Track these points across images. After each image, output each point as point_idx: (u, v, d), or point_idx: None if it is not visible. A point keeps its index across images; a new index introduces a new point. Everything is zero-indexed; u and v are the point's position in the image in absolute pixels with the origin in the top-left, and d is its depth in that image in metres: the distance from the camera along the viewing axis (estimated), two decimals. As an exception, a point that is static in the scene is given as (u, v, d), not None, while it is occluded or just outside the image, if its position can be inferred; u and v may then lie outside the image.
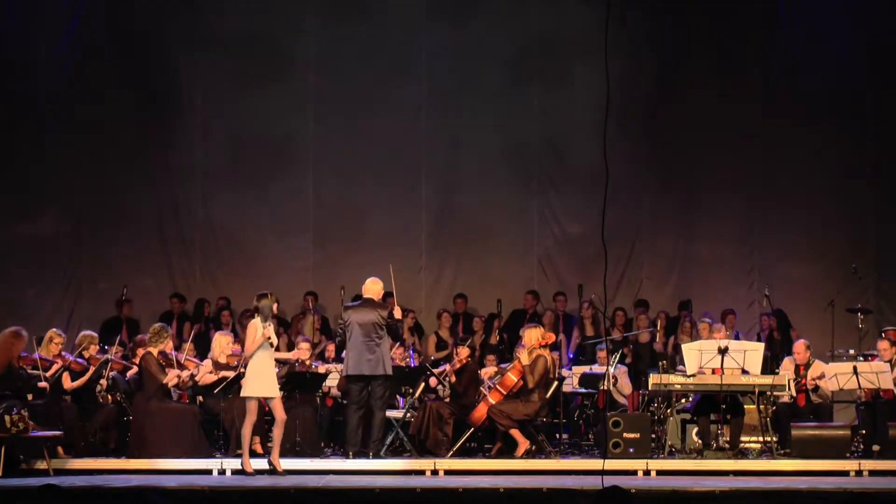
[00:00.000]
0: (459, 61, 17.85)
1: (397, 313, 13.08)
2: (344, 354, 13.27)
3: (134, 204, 17.72)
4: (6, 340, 12.78)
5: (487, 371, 13.99)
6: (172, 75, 17.81)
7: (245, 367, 13.19)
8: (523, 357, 13.17)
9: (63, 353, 13.30)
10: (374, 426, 12.89)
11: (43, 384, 12.95)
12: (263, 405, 12.37)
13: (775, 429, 13.32)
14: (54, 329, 13.56)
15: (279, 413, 12.17)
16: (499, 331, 16.34)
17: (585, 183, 17.22)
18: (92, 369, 13.27)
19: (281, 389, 12.53)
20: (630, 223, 17.70)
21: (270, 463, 12.21)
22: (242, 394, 12.31)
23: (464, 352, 13.82)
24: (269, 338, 12.10)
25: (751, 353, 13.16)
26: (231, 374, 13.29)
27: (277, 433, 12.23)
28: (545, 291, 17.53)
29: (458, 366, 13.75)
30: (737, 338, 15.42)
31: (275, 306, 12.35)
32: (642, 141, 17.75)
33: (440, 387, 14.05)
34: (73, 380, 13.24)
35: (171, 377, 13.07)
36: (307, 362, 13.99)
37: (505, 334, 16.12)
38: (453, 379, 13.72)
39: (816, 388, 13.73)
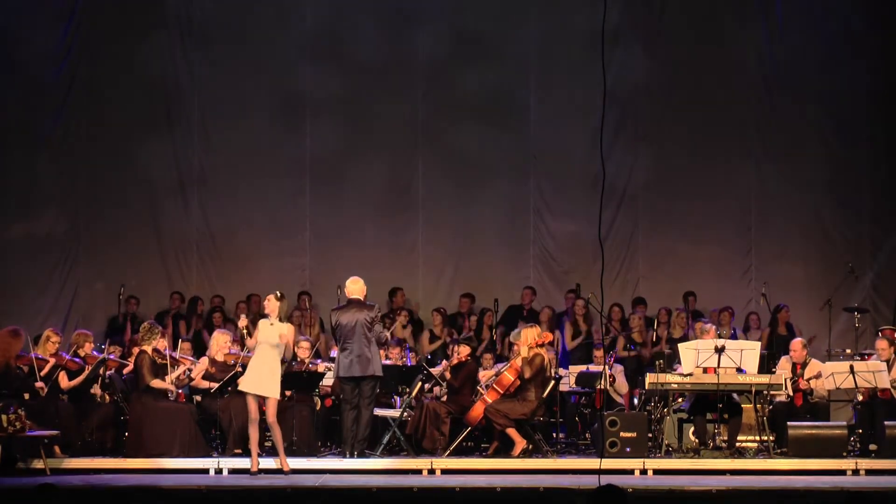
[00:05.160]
0: (456, 65, 17.86)
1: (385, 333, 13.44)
2: (335, 356, 13.31)
3: (131, 204, 17.71)
4: (4, 340, 12.80)
5: (486, 374, 13.97)
6: (170, 78, 17.78)
7: (242, 367, 13.27)
8: (523, 351, 13.16)
9: (60, 352, 13.28)
10: (360, 425, 12.89)
11: (39, 384, 12.93)
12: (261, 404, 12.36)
13: (772, 428, 13.32)
14: (51, 328, 13.55)
15: (269, 414, 12.16)
16: (491, 327, 16.37)
17: (583, 181, 17.25)
18: (89, 368, 13.25)
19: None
20: (627, 221, 17.72)
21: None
22: (240, 387, 12.32)
23: (464, 350, 13.80)
24: (246, 330, 12.16)
25: (747, 352, 13.16)
26: (227, 372, 13.30)
27: (275, 436, 12.24)
28: (542, 290, 17.55)
29: (454, 361, 13.74)
30: (734, 335, 15.41)
31: (267, 304, 12.31)
32: (639, 139, 17.75)
33: (437, 386, 14.05)
34: (69, 379, 13.22)
35: (157, 381, 13.03)
36: (306, 360, 13.98)
37: (501, 329, 16.19)
38: (448, 375, 13.71)
39: (812, 392, 13.74)
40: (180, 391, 13.54)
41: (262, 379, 12.16)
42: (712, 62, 17.77)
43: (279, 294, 12.43)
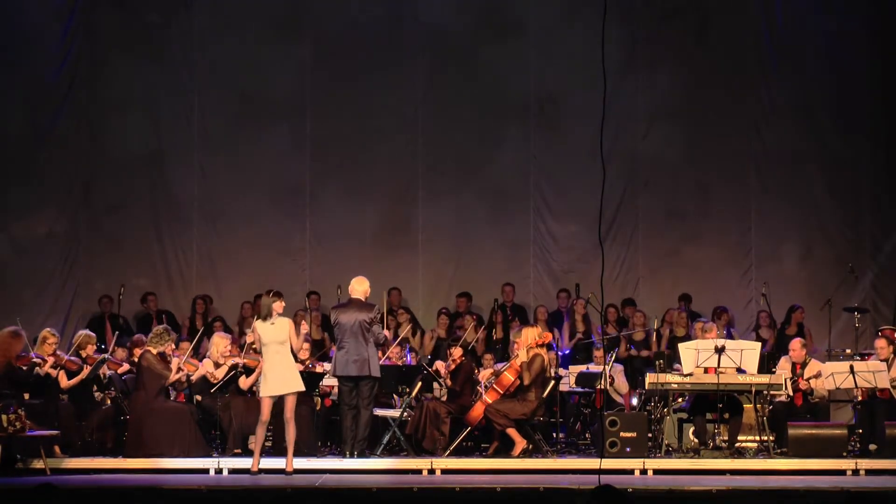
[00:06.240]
0: (456, 64, 17.87)
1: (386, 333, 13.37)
2: (332, 355, 13.32)
3: (131, 204, 17.71)
4: (4, 340, 12.79)
5: (485, 374, 13.98)
6: (169, 78, 17.77)
7: (243, 367, 13.27)
8: (521, 354, 13.17)
9: (58, 351, 13.27)
10: (359, 425, 12.89)
11: (52, 372, 12.90)
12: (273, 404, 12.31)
13: (772, 428, 13.32)
14: (48, 329, 13.53)
15: (288, 409, 12.12)
16: (486, 327, 16.40)
17: (583, 181, 17.27)
18: (87, 368, 13.24)
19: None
20: (627, 221, 17.72)
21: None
22: (261, 394, 12.24)
23: (457, 352, 13.82)
24: (254, 341, 12.14)
25: (748, 352, 13.16)
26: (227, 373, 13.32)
27: (290, 433, 12.22)
28: (542, 290, 17.57)
29: (451, 367, 13.75)
30: (729, 335, 15.42)
31: (275, 306, 12.28)
32: (639, 139, 17.76)
33: (437, 385, 14.06)
34: (68, 378, 13.21)
35: (173, 373, 13.07)
36: (307, 361, 13.99)
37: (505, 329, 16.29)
38: (449, 382, 13.74)
39: (812, 392, 13.74)
40: (181, 391, 13.54)
41: (284, 377, 12.09)
42: (711, 63, 17.76)
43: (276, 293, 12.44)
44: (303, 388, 12.26)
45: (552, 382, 13.59)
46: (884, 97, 17.61)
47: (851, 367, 13.18)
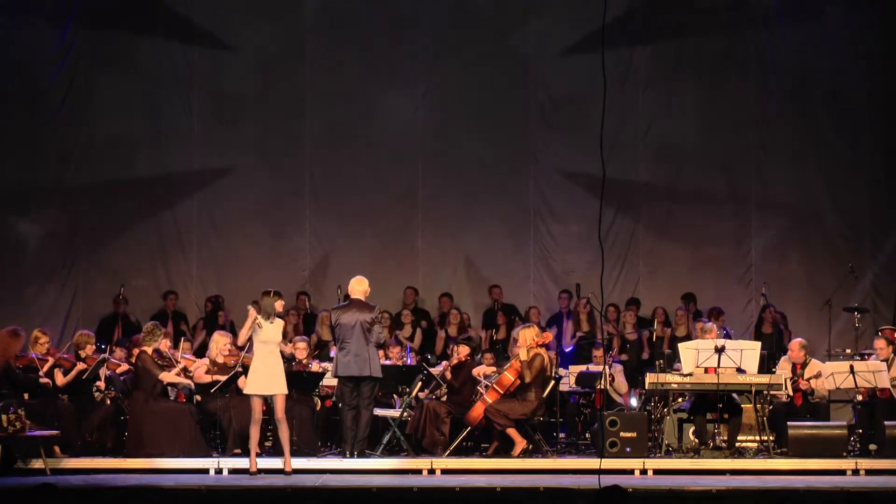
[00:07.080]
0: (456, 65, 17.87)
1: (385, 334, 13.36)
2: (333, 355, 13.32)
3: (131, 203, 17.71)
4: (3, 340, 12.79)
5: (481, 370, 13.97)
6: (169, 78, 17.76)
7: (242, 367, 13.27)
8: (522, 353, 13.16)
9: (51, 349, 13.26)
10: (360, 425, 12.89)
11: (45, 380, 12.92)
12: (263, 404, 12.35)
13: (772, 428, 13.32)
14: (38, 329, 13.52)
15: (279, 410, 12.16)
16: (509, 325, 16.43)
17: (583, 181, 17.26)
18: (80, 365, 13.21)
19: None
20: (627, 221, 17.72)
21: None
22: (245, 391, 12.32)
23: (464, 350, 13.80)
24: (255, 328, 12.17)
25: (748, 352, 13.16)
26: (227, 373, 13.31)
27: (283, 433, 12.25)
28: (542, 290, 17.57)
29: (454, 361, 13.74)
30: (727, 335, 15.43)
31: (278, 305, 12.33)
32: (639, 139, 17.75)
33: (437, 388, 14.05)
34: (64, 375, 13.20)
35: (166, 374, 13.05)
36: (304, 361, 13.99)
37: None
38: (448, 375, 13.71)
39: (812, 392, 13.73)
40: (180, 390, 13.54)
41: (271, 378, 12.16)
42: (711, 63, 17.77)
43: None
44: (286, 391, 12.29)
45: (552, 382, 13.59)
46: (884, 97, 17.61)
47: (851, 367, 13.18)
